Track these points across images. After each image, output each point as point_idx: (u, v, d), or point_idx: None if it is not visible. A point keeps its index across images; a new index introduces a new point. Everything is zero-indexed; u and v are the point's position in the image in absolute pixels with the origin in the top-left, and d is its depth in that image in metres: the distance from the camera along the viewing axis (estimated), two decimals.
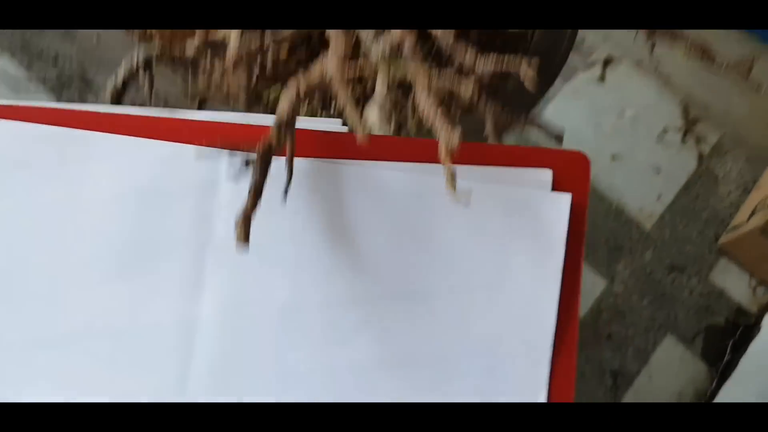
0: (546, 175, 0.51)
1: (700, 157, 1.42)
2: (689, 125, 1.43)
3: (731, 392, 1.22)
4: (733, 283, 1.34)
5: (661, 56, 1.44)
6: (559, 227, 0.50)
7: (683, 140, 1.42)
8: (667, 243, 1.36)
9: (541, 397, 0.48)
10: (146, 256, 0.49)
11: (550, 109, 1.43)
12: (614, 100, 1.44)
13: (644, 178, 1.40)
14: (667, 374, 1.29)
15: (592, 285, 1.31)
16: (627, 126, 1.43)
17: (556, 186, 0.51)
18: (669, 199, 1.39)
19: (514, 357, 0.49)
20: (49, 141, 0.50)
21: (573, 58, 1.46)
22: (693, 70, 1.45)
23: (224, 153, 0.50)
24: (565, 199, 0.50)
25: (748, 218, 1.29)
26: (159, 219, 0.50)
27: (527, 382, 0.48)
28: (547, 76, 0.71)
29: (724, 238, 1.34)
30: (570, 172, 0.51)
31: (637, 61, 1.46)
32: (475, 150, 0.52)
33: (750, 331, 1.29)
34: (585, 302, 1.30)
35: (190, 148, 0.50)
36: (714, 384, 1.27)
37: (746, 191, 1.40)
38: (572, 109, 1.44)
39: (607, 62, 1.45)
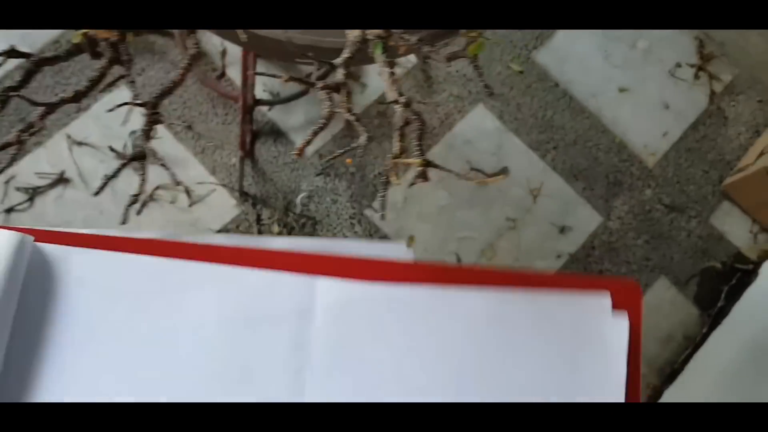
0: (605, 299, 0.53)
1: (712, 96, 1.35)
2: (703, 62, 1.36)
3: (722, 339, 1.18)
4: (734, 227, 1.29)
5: None
6: (620, 348, 0.52)
7: (696, 77, 1.36)
8: (669, 182, 1.30)
9: None
10: (245, 380, 0.52)
11: (559, 36, 1.36)
12: (627, 30, 1.37)
13: (651, 114, 1.34)
14: (656, 316, 1.25)
15: (587, 219, 1.26)
16: (638, 58, 1.36)
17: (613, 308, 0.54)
18: (675, 136, 1.33)
19: None
20: (150, 271, 0.54)
21: None
22: None
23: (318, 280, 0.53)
24: (623, 323, 0.52)
25: (755, 159, 1.23)
26: (257, 344, 0.52)
27: None
28: None
29: (728, 180, 1.29)
30: (621, 295, 0.54)
31: None
32: (530, 277, 0.54)
33: (747, 277, 1.24)
34: (578, 237, 1.25)
35: (285, 277, 0.53)
36: (705, 329, 1.23)
37: (757, 134, 1.34)
38: (583, 35, 1.36)
39: None
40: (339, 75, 0.46)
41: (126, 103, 0.46)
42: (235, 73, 1.28)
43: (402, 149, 0.44)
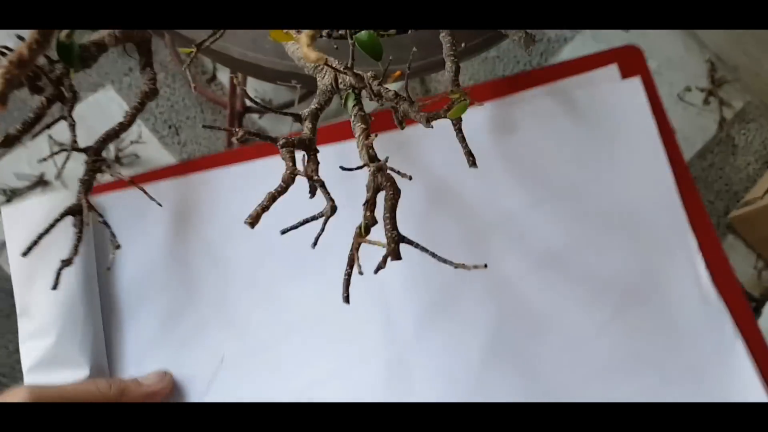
0: (613, 70, 0.55)
1: (722, 123, 1.29)
2: (715, 86, 1.31)
3: None
4: (739, 262, 1.23)
5: None
6: (643, 106, 0.54)
7: (706, 102, 1.30)
8: None
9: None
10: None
11: (567, 51, 1.30)
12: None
13: None
14: None
15: None
16: None
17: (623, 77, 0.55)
18: None
19: (650, 214, 0.53)
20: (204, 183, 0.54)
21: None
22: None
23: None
24: (636, 83, 0.54)
25: (764, 194, 1.18)
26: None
27: (672, 229, 0.53)
28: None
29: (734, 213, 1.23)
30: (627, 63, 0.55)
31: None
32: (529, 76, 0.54)
33: None
34: None
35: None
36: None
37: (767, 165, 1.28)
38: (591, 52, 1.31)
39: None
40: (306, 129, 0.41)
41: (63, 149, 0.41)
42: (226, 78, 1.22)
43: (371, 222, 0.38)
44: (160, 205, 0.46)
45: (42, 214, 0.47)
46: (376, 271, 0.37)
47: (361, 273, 0.36)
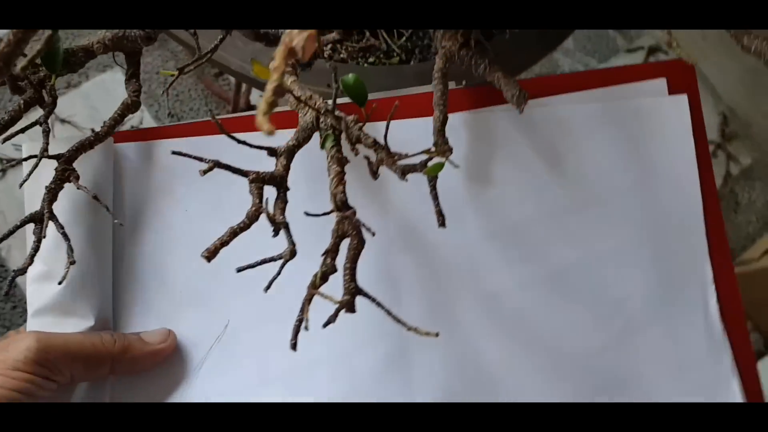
0: (661, 84, 0.54)
1: (727, 177, 1.28)
2: (724, 140, 1.29)
3: None
4: None
5: (713, 60, 1.30)
6: (685, 126, 0.53)
7: (713, 154, 1.29)
8: None
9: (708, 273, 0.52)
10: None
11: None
12: None
13: None
14: None
15: None
16: None
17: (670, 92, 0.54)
18: None
19: (673, 235, 0.52)
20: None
21: (617, 38, 1.31)
22: (744, 83, 1.30)
23: None
24: (682, 100, 0.53)
25: (761, 256, 1.17)
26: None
27: (691, 256, 0.52)
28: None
29: None
30: (676, 78, 0.55)
31: (686, 57, 1.31)
32: (582, 77, 0.55)
33: None
34: None
35: None
36: None
37: (767, 226, 1.27)
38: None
39: (652, 51, 1.30)
40: (279, 166, 0.40)
41: (31, 157, 0.40)
42: None
43: (330, 270, 0.38)
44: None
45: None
46: (324, 325, 0.36)
47: (306, 328, 0.36)
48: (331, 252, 0.38)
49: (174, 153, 0.38)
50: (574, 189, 0.52)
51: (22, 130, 0.41)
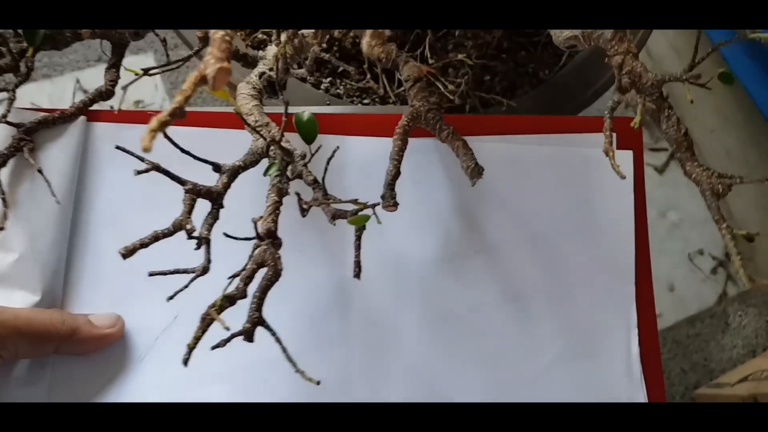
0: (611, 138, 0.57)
1: (722, 297, 1.26)
2: (728, 260, 1.28)
3: None
4: None
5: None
6: (628, 180, 0.57)
7: (713, 271, 1.27)
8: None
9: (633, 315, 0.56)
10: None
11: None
12: (663, 196, 1.30)
13: (654, 291, 1.25)
14: None
15: None
16: (663, 229, 1.28)
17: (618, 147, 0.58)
18: (668, 322, 1.24)
19: (605, 280, 0.56)
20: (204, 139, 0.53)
21: (646, 135, 1.31)
22: (762, 219, 1.29)
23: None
24: (628, 156, 0.57)
25: (736, 382, 1.14)
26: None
27: (619, 300, 0.56)
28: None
29: (702, 390, 1.20)
30: (625, 134, 0.58)
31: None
32: (543, 121, 0.58)
33: None
34: None
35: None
36: None
37: (752, 354, 1.25)
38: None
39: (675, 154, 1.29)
40: (219, 183, 0.40)
41: None
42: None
43: (240, 295, 0.38)
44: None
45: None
46: (213, 348, 0.37)
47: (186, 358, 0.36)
48: (245, 278, 0.38)
49: (117, 148, 0.38)
50: (517, 224, 0.56)
51: None
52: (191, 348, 0.37)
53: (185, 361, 0.38)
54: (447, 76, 0.67)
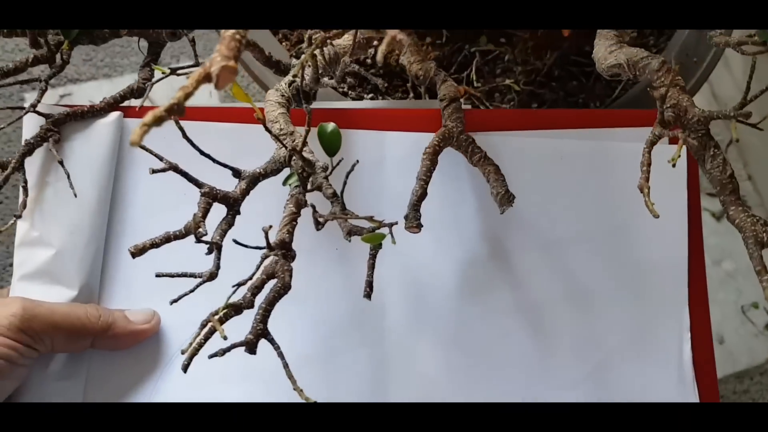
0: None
1: None
2: None
3: None
4: None
5: None
6: (681, 176, 0.54)
7: None
8: None
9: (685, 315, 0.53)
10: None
11: None
12: (719, 244, 1.24)
13: None
14: None
15: None
16: (716, 278, 1.23)
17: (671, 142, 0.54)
18: (717, 375, 1.18)
19: (656, 280, 0.53)
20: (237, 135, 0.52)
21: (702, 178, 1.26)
22: None
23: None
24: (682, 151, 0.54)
25: None
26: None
27: (671, 301, 0.53)
28: None
29: None
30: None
31: None
32: (586, 115, 0.55)
33: None
34: None
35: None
36: None
37: None
38: None
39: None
40: (238, 189, 0.40)
41: (18, 107, 0.42)
42: None
43: (247, 305, 0.37)
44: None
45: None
46: (210, 357, 0.35)
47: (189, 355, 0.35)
48: (253, 288, 0.37)
49: (132, 144, 0.38)
50: (564, 223, 0.53)
51: (21, 83, 0.42)
52: (191, 355, 0.36)
53: (185, 368, 0.37)
54: (492, 100, 0.66)
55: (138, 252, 0.37)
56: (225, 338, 0.34)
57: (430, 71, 0.46)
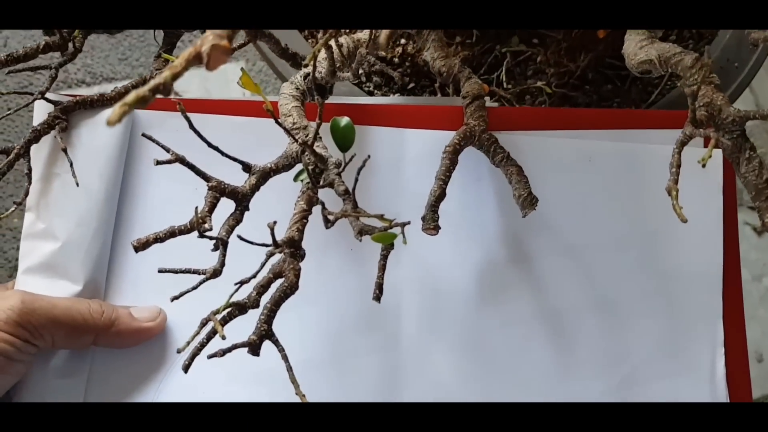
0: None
1: None
2: None
3: None
4: None
5: None
6: (717, 182, 0.51)
7: None
8: None
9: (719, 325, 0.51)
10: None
11: None
12: (760, 260, 1.20)
13: None
14: None
15: None
16: (757, 294, 1.18)
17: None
18: (753, 395, 1.13)
19: (688, 290, 0.51)
20: (248, 129, 0.51)
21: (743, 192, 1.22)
22: None
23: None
24: (717, 155, 0.49)
25: None
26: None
27: (704, 314, 0.51)
28: None
29: None
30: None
31: None
32: (619, 115, 0.53)
33: None
34: None
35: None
36: None
37: None
38: None
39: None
40: (247, 184, 0.38)
41: (26, 93, 0.41)
42: None
43: (252, 305, 0.35)
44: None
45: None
46: (209, 357, 0.34)
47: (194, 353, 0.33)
48: (259, 287, 0.36)
49: (143, 135, 0.37)
50: (591, 227, 0.51)
51: (32, 69, 0.41)
52: (192, 355, 0.35)
53: (185, 368, 0.35)
54: (523, 102, 0.63)
55: (141, 246, 0.36)
56: (224, 338, 0.33)
57: (454, 67, 0.44)
